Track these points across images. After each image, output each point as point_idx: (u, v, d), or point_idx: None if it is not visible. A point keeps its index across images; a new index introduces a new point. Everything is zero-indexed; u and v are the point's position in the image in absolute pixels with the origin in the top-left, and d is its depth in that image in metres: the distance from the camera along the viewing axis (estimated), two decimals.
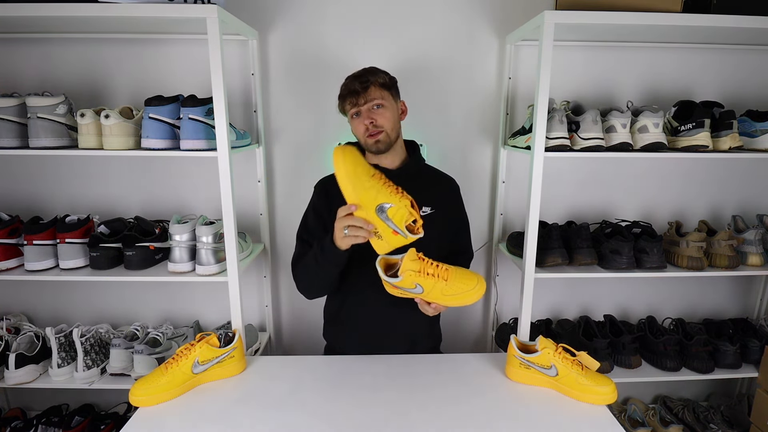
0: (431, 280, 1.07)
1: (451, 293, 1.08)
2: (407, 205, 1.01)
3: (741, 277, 1.81)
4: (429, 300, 1.11)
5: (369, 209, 1.02)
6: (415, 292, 1.09)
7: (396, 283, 1.08)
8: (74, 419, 1.65)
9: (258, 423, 0.99)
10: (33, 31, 1.51)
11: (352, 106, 1.18)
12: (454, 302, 1.10)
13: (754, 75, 1.66)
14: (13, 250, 1.42)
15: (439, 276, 1.07)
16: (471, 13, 1.59)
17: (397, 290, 1.10)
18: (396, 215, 1.01)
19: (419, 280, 1.07)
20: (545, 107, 1.27)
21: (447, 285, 1.08)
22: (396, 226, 1.01)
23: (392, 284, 1.08)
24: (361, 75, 1.19)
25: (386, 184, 1.04)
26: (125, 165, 1.64)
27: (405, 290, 1.09)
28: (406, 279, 1.06)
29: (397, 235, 1.02)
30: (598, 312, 1.84)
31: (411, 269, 1.06)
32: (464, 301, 1.09)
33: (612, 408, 1.77)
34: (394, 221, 1.01)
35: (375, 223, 1.03)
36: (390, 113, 1.19)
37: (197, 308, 1.77)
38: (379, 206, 1.01)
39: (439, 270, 1.08)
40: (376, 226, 1.03)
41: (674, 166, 1.73)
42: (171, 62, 1.57)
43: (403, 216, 1.01)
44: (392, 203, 1.01)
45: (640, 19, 1.23)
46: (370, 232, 1.03)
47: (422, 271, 1.07)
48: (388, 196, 1.01)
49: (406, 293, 1.10)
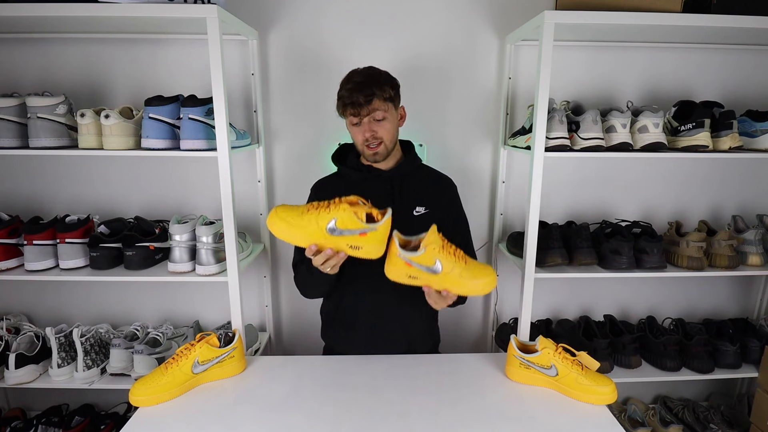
0: (452, 259, 1.01)
1: (468, 276, 1.02)
2: (346, 208, 0.98)
3: (741, 277, 1.81)
4: (442, 285, 1.04)
5: (325, 238, 1.00)
6: (430, 272, 1.02)
7: (415, 258, 1.00)
8: (74, 419, 1.65)
9: (258, 423, 0.99)
10: (33, 31, 1.51)
11: (353, 115, 1.17)
12: (469, 289, 1.03)
13: (754, 75, 1.66)
14: (13, 250, 1.42)
15: (459, 258, 1.03)
16: (471, 13, 1.59)
17: (408, 270, 1.03)
18: (346, 222, 0.98)
19: (441, 256, 1.00)
20: (545, 107, 1.27)
21: (466, 268, 1.02)
22: (356, 230, 0.98)
23: (407, 260, 1.01)
24: (365, 85, 1.15)
25: (318, 207, 1.01)
26: (125, 165, 1.64)
27: (420, 268, 1.01)
28: (428, 253, 1.00)
29: (366, 235, 0.99)
30: (598, 312, 1.84)
31: (436, 242, 1.00)
32: (479, 290, 1.04)
33: (612, 408, 1.77)
34: (350, 228, 0.98)
35: (341, 242, 1.00)
36: (390, 125, 1.19)
37: (197, 308, 1.77)
38: (329, 230, 0.99)
39: (459, 253, 1.04)
40: (348, 243, 1.00)
41: (674, 166, 1.73)
42: (171, 62, 1.57)
43: (351, 218, 0.98)
44: (334, 217, 0.98)
45: (640, 19, 1.23)
46: (339, 257, 1.02)
47: (445, 248, 1.02)
48: (326, 216, 0.99)
49: (417, 274, 1.03)
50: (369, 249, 1.02)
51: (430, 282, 1.04)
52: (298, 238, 1.02)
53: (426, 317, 1.31)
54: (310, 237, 1.01)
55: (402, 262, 1.03)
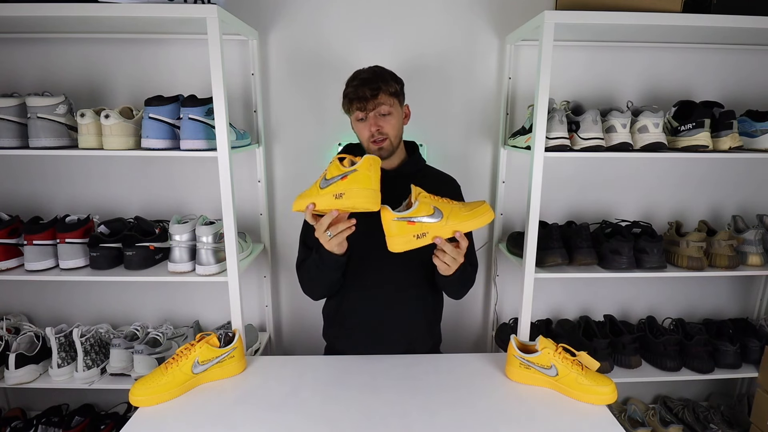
0: (446, 203, 1.05)
1: (468, 211, 1.04)
2: (333, 161, 1.04)
3: (741, 277, 1.81)
4: (448, 230, 1.03)
5: (320, 194, 1.02)
6: (432, 221, 1.02)
7: (411, 213, 1.01)
8: (74, 419, 1.65)
9: (258, 423, 0.99)
10: (33, 31, 1.51)
11: (358, 110, 1.17)
12: (475, 221, 1.03)
13: (754, 75, 1.66)
14: (13, 250, 1.42)
15: (447, 201, 1.06)
16: (471, 13, 1.59)
17: (411, 229, 1.02)
18: (333, 171, 1.02)
19: (434, 202, 1.03)
20: (545, 107, 1.27)
21: (462, 207, 1.05)
22: (339, 175, 1.01)
23: (407, 219, 1.01)
24: (371, 80, 1.16)
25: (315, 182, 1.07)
26: (125, 165, 1.64)
27: (422, 220, 1.01)
28: (422, 204, 1.02)
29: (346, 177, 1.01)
30: (598, 312, 1.84)
31: (422, 194, 1.04)
32: (483, 219, 1.04)
33: (612, 408, 1.77)
34: (335, 175, 1.01)
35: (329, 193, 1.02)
36: (396, 120, 1.19)
37: (197, 308, 1.77)
38: (321, 185, 1.03)
39: (444, 198, 1.07)
40: (333, 192, 1.01)
41: (674, 166, 1.73)
42: (171, 62, 1.57)
43: (335, 166, 1.02)
44: (324, 173, 1.04)
45: (640, 19, 1.23)
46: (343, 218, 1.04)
47: (433, 197, 1.05)
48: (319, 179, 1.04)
49: (423, 229, 1.02)
50: (353, 193, 1.01)
51: (438, 231, 1.03)
52: (304, 200, 1.05)
53: (426, 318, 1.31)
54: (310, 195, 1.04)
55: (402, 226, 1.02)
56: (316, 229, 1.06)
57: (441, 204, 1.04)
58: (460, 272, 1.14)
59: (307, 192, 1.06)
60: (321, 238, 1.06)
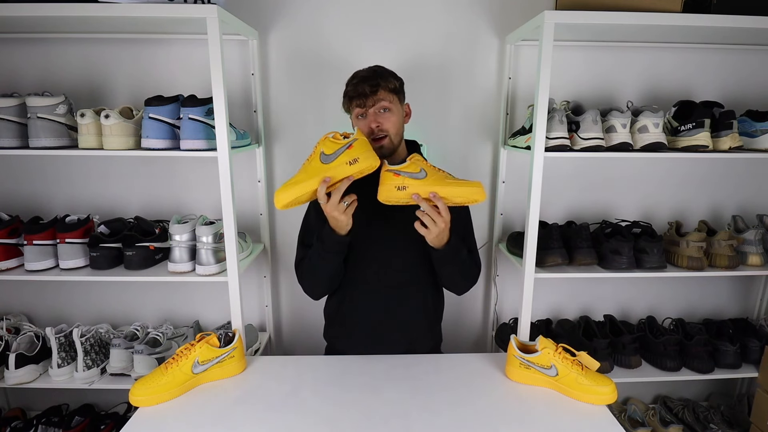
0: (435, 169, 1.10)
1: (452, 180, 1.09)
2: (325, 138, 1.08)
3: (741, 277, 1.81)
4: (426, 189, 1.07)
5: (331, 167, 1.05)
6: (417, 177, 1.07)
7: (402, 167, 1.08)
8: (74, 419, 1.65)
9: (258, 423, 0.99)
10: (33, 31, 1.51)
11: (358, 107, 1.17)
12: (457, 192, 1.07)
13: (754, 75, 1.66)
14: (13, 250, 1.42)
15: (444, 173, 1.11)
16: (471, 13, 1.59)
17: (396, 180, 1.07)
18: (332, 146, 1.06)
19: (425, 166, 1.09)
20: (545, 107, 1.27)
21: (451, 178, 1.10)
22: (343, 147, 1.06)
23: (394, 170, 1.08)
24: (370, 77, 1.17)
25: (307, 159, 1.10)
26: (125, 165, 1.64)
27: (407, 175, 1.07)
28: (413, 163, 1.09)
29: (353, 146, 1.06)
30: (598, 312, 1.83)
31: (419, 158, 1.11)
32: (467, 193, 1.07)
33: (612, 408, 1.77)
34: (337, 149, 1.06)
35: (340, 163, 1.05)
36: (396, 118, 1.20)
37: (197, 308, 1.77)
38: (323, 159, 1.06)
39: (444, 172, 1.12)
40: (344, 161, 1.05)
41: (674, 166, 1.73)
42: (171, 62, 1.57)
43: (333, 142, 1.07)
44: (321, 150, 1.07)
45: (640, 19, 1.23)
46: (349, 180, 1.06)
47: (428, 164, 1.11)
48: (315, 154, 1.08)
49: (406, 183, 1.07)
50: (364, 157, 1.06)
51: (417, 188, 1.07)
52: (306, 183, 1.06)
53: (427, 317, 1.31)
54: (312, 175, 1.06)
55: (389, 176, 1.09)
56: (328, 204, 1.06)
57: (431, 169, 1.10)
58: (453, 253, 1.15)
59: (297, 178, 1.07)
60: (335, 210, 1.06)
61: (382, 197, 1.10)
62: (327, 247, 1.14)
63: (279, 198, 1.07)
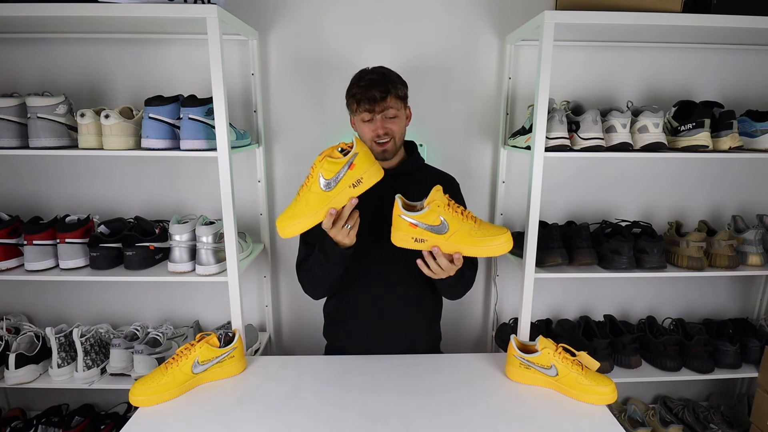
0: (459, 217, 0.97)
1: (479, 234, 0.97)
2: (320, 160, 1.00)
3: (741, 277, 1.81)
4: (449, 247, 0.98)
5: (329, 198, 1.00)
6: (435, 232, 0.97)
7: (417, 217, 0.97)
8: (74, 419, 1.65)
9: (258, 423, 0.99)
10: (33, 31, 1.51)
11: (366, 112, 1.17)
12: (481, 247, 0.97)
13: (754, 75, 1.66)
14: (13, 250, 1.42)
15: (467, 216, 0.99)
16: (471, 13, 1.59)
17: (412, 231, 0.98)
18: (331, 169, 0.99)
19: (446, 214, 0.97)
20: (545, 107, 1.27)
21: (476, 226, 0.98)
22: (344, 167, 0.99)
23: (410, 221, 0.98)
24: (380, 82, 1.16)
25: (303, 184, 1.05)
26: (125, 165, 1.64)
27: (425, 228, 0.97)
28: (432, 211, 0.96)
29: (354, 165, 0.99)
30: (598, 312, 1.83)
31: (439, 200, 0.97)
32: (493, 248, 0.98)
33: (612, 408, 1.77)
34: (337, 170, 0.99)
35: (342, 188, 1.00)
36: (401, 122, 1.21)
37: (197, 308, 1.77)
38: (323, 186, 1.00)
39: (468, 213, 1.00)
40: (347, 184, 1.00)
41: (674, 166, 1.73)
42: (171, 62, 1.57)
43: (331, 163, 0.99)
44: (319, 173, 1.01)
45: (640, 19, 1.23)
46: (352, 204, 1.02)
47: (451, 206, 0.99)
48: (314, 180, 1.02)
49: (423, 236, 0.98)
50: (368, 174, 1.00)
51: (438, 243, 0.99)
52: (309, 218, 1.02)
53: (427, 316, 1.32)
54: (315, 209, 1.02)
55: (406, 224, 0.99)
56: (332, 228, 1.04)
57: (452, 217, 0.98)
58: (456, 279, 1.12)
59: (299, 210, 1.02)
60: (340, 233, 1.05)
61: (397, 242, 1.03)
62: (329, 258, 1.13)
63: (283, 231, 1.04)
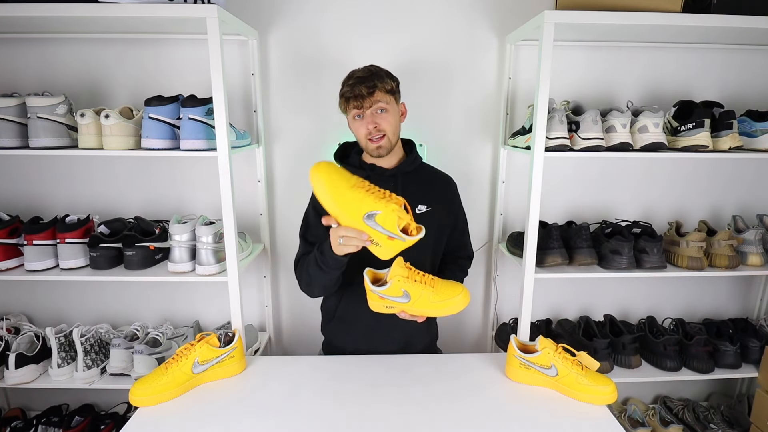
0: (419, 287, 1.07)
1: (437, 299, 1.08)
2: (395, 209, 0.97)
3: (741, 277, 1.81)
4: (413, 312, 1.11)
5: (357, 220, 1.00)
6: (401, 302, 1.08)
7: (383, 291, 1.07)
8: (74, 419, 1.65)
9: (258, 423, 0.99)
10: (33, 31, 1.51)
11: (355, 108, 1.17)
12: (440, 310, 1.10)
13: (754, 75, 1.66)
14: (13, 250, 1.42)
15: (426, 283, 1.09)
16: (471, 13, 1.59)
17: (383, 301, 1.10)
18: (386, 221, 0.97)
19: (407, 286, 1.07)
20: (545, 107, 1.27)
21: (434, 292, 1.08)
22: (389, 232, 0.98)
23: (379, 294, 1.08)
24: (367, 78, 1.17)
25: (370, 191, 1.00)
26: (125, 165, 1.64)
27: (391, 299, 1.08)
28: (395, 285, 1.06)
29: (393, 240, 1.00)
30: (598, 312, 1.83)
31: (400, 275, 1.06)
32: (449, 309, 1.09)
33: (612, 408, 1.77)
34: (385, 227, 0.98)
35: (367, 231, 1.00)
36: (393, 117, 1.20)
37: (197, 308, 1.77)
38: (366, 215, 0.98)
39: (426, 278, 1.09)
40: (370, 235, 1.00)
41: (674, 166, 1.73)
42: (171, 62, 1.57)
43: (393, 220, 0.97)
44: (379, 210, 0.97)
45: (640, 19, 1.23)
46: (363, 240, 1.01)
47: (410, 277, 1.08)
48: (373, 204, 0.98)
49: (392, 304, 1.10)
50: (384, 251, 1.03)
51: (405, 309, 1.11)
52: (333, 203, 1.02)
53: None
54: (343, 210, 1.01)
55: (376, 296, 1.09)
56: (331, 232, 1.05)
57: (413, 287, 1.07)
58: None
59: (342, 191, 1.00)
60: (333, 239, 1.06)
61: (372, 308, 1.13)
62: (326, 261, 1.13)
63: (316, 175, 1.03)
